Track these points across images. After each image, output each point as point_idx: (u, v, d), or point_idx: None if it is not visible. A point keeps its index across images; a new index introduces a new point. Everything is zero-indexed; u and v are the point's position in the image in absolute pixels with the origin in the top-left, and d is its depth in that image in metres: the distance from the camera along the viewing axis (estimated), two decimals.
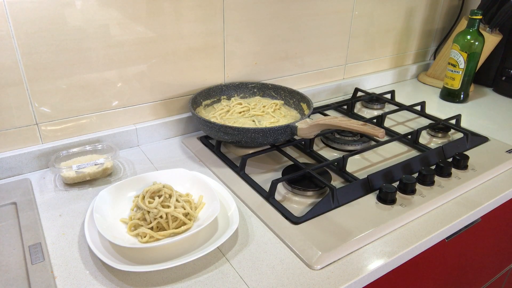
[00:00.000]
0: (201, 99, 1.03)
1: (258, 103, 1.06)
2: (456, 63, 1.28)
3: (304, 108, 1.01)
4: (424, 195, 0.78)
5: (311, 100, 0.98)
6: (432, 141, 1.04)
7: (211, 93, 1.05)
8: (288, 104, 1.07)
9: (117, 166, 0.89)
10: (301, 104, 1.02)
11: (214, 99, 1.06)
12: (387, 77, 1.46)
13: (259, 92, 1.10)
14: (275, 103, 1.04)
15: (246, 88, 1.10)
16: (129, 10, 0.85)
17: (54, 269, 0.61)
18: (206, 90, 1.04)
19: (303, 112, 1.01)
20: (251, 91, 1.10)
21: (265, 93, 1.09)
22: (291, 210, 0.73)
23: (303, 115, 1.01)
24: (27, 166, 0.85)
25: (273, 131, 0.83)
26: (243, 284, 0.59)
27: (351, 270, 0.62)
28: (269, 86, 1.09)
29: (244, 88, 1.10)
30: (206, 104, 1.04)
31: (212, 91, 1.05)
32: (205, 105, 1.04)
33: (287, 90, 1.06)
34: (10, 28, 0.75)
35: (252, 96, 1.10)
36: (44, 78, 0.82)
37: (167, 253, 0.63)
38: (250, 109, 1.02)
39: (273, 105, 1.03)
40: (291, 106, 1.06)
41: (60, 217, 0.73)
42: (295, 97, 1.04)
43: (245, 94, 1.10)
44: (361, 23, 1.27)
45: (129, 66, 0.91)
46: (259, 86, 1.10)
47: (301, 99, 1.03)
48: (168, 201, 0.69)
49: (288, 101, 1.06)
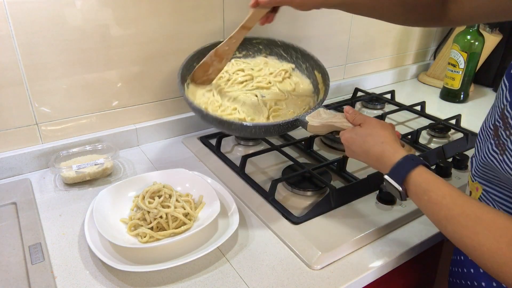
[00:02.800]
0: (195, 62, 0.82)
1: (264, 67, 0.86)
2: (456, 63, 1.28)
3: (319, 80, 0.82)
4: None
5: (327, 72, 0.79)
6: (432, 141, 1.04)
7: (207, 53, 0.80)
8: (300, 69, 0.87)
9: (117, 166, 0.89)
10: (315, 72, 0.83)
11: None
12: (387, 77, 1.46)
13: (266, 49, 0.90)
14: (284, 70, 0.85)
15: (250, 44, 0.90)
16: (129, 10, 0.85)
17: (54, 269, 0.61)
18: (201, 50, 0.84)
19: (316, 84, 0.83)
20: (255, 47, 0.90)
21: (272, 51, 0.90)
22: (291, 210, 0.73)
23: (317, 89, 0.82)
24: (27, 166, 0.85)
25: (277, 127, 0.69)
26: (243, 284, 0.59)
27: (351, 270, 0.62)
28: (278, 44, 0.88)
29: (248, 44, 0.89)
30: None
31: (208, 51, 0.80)
32: None
33: (299, 51, 0.85)
34: (10, 28, 0.75)
35: (257, 55, 0.90)
36: (44, 78, 0.82)
37: (167, 253, 0.63)
38: (254, 77, 0.84)
39: (282, 72, 0.84)
40: (303, 72, 0.87)
41: (60, 217, 0.73)
42: (309, 62, 0.85)
43: (248, 52, 0.91)
44: (361, 23, 1.27)
45: (129, 66, 0.91)
46: (265, 43, 0.89)
47: (315, 66, 0.83)
48: (168, 201, 0.69)
49: (300, 65, 0.87)
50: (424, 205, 0.54)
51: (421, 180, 0.54)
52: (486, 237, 0.45)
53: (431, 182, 0.53)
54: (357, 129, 0.64)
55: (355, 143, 0.63)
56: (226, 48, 0.76)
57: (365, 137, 0.62)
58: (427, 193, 0.53)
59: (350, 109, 0.68)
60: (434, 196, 0.52)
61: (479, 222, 0.46)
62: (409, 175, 0.55)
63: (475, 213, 0.47)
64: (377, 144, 0.60)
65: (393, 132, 0.62)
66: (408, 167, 0.55)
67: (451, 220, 0.49)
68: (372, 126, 0.63)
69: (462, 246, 0.48)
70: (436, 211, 0.51)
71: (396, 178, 0.56)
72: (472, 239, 0.46)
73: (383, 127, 0.62)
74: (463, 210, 0.48)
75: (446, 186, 0.52)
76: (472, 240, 0.46)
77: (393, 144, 0.59)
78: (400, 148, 0.59)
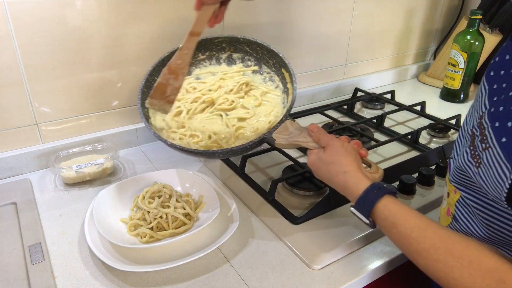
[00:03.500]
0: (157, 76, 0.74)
1: (222, 84, 0.80)
2: (456, 63, 1.28)
3: (287, 79, 0.77)
4: (424, 195, 0.78)
5: (293, 72, 0.74)
6: (432, 141, 1.04)
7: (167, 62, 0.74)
8: (267, 65, 0.81)
9: (117, 166, 0.89)
10: (283, 70, 0.78)
11: None
12: (387, 77, 1.46)
13: (229, 47, 0.84)
14: (244, 83, 0.78)
15: (212, 44, 0.84)
16: (129, 10, 0.85)
17: (54, 269, 0.61)
18: (159, 63, 0.80)
19: (285, 83, 0.78)
20: (218, 46, 0.84)
21: (236, 48, 0.84)
22: (291, 210, 0.73)
23: (286, 88, 0.78)
24: (27, 166, 0.85)
25: (243, 149, 0.67)
26: (243, 284, 0.59)
27: (351, 270, 0.62)
28: (240, 40, 0.82)
29: (210, 44, 0.84)
30: None
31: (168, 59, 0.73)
32: None
33: (264, 47, 0.80)
34: (10, 28, 0.75)
35: (221, 53, 0.85)
36: (44, 78, 0.82)
37: (167, 253, 0.63)
38: (214, 100, 0.79)
39: (242, 87, 0.78)
40: (271, 68, 0.81)
41: (60, 217, 0.73)
42: (275, 58, 0.79)
43: (211, 52, 0.85)
44: (361, 23, 1.27)
45: (129, 66, 0.91)
46: (228, 40, 0.82)
47: (282, 64, 0.78)
48: (168, 201, 0.69)
49: (267, 60, 0.81)
50: (393, 238, 0.53)
51: (388, 213, 0.52)
52: (460, 272, 0.44)
53: (397, 214, 0.52)
54: (321, 153, 0.62)
55: (320, 170, 0.62)
56: (179, 62, 0.67)
57: (328, 165, 0.60)
58: (395, 227, 0.51)
59: (315, 127, 0.65)
60: (403, 230, 0.50)
61: (450, 255, 0.45)
62: (375, 207, 0.53)
63: (445, 246, 0.46)
64: (340, 174, 0.58)
65: (355, 158, 0.60)
66: (372, 198, 0.54)
67: (422, 253, 0.48)
68: (334, 153, 0.60)
69: (436, 279, 0.47)
70: (406, 245, 0.50)
71: (362, 211, 0.55)
72: (445, 273, 0.45)
73: (345, 153, 0.59)
74: (433, 243, 0.47)
75: (414, 217, 0.51)
76: (446, 274, 0.45)
77: (355, 174, 0.57)
78: (363, 178, 0.56)
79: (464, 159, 0.51)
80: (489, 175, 0.45)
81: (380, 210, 0.53)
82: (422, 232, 0.49)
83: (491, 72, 0.50)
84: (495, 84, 0.48)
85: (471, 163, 0.49)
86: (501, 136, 0.44)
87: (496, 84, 0.48)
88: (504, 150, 0.43)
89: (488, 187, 0.46)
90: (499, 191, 0.44)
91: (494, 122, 0.45)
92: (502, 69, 0.48)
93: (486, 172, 0.46)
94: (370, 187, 0.55)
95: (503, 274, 0.42)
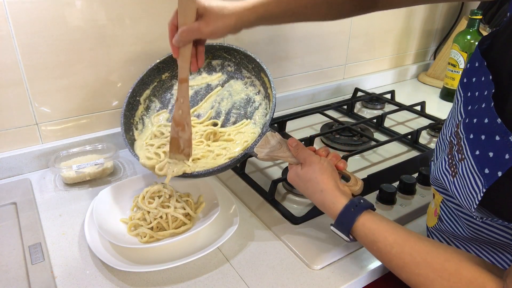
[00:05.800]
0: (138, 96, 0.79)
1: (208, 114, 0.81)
2: (456, 63, 1.28)
3: (267, 84, 0.76)
4: (424, 195, 0.78)
5: (271, 77, 0.73)
6: (432, 141, 1.03)
7: (147, 81, 0.80)
8: (247, 69, 0.81)
9: (117, 166, 0.89)
10: (262, 75, 0.78)
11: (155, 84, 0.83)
12: (387, 77, 1.46)
13: (207, 54, 0.83)
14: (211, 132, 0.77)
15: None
16: (129, 10, 0.85)
17: (54, 269, 0.61)
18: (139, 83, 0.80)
19: (266, 88, 0.77)
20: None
21: (215, 55, 0.84)
22: (291, 210, 0.73)
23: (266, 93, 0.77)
24: (27, 166, 0.85)
25: (228, 166, 0.68)
26: (243, 284, 0.59)
27: (351, 270, 0.62)
28: (216, 47, 0.82)
29: None
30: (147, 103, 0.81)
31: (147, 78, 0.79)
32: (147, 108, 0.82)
33: (241, 52, 0.79)
34: (10, 28, 0.75)
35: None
36: (44, 78, 0.82)
37: (167, 253, 0.63)
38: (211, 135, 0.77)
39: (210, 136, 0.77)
40: (251, 72, 0.81)
41: (60, 217, 0.73)
42: (254, 63, 0.78)
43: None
44: (361, 23, 1.27)
45: (129, 66, 0.91)
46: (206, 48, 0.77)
47: (261, 69, 0.76)
48: (168, 201, 0.69)
49: (246, 65, 0.81)
50: (375, 254, 0.54)
51: (367, 231, 0.53)
52: (441, 285, 0.45)
53: (376, 232, 0.52)
54: (298, 170, 0.62)
55: (299, 186, 0.62)
56: (180, 112, 0.68)
57: (306, 183, 0.60)
58: (375, 244, 0.52)
59: (294, 142, 0.64)
60: (382, 247, 0.51)
61: (431, 269, 0.46)
62: (354, 226, 0.54)
63: (425, 260, 0.47)
64: (317, 193, 0.58)
65: (332, 175, 0.59)
66: (351, 217, 0.54)
67: (403, 268, 0.49)
68: (311, 170, 0.60)
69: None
70: (388, 261, 0.51)
71: (341, 230, 0.56)
72: (428, 287, 0.46)
73: (321, 170, 0.59)
74: (412, 257, 0.48)
75: (392, 233, 0.51)
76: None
77: (332, 192, 0.57)
78: (339, 197, 0.57)
79: (442, 167, 0.51)
80: (462, 186, 0.46)
81: (359, 229, 0.54)
82: (401, 247, 0.50)
83: (464, 78, 0.50)
84: (469, 91, 0.48)
85: (447, 171, 0.50)
86: (475, 149, 0.44)
87: (469, 91, 0.48)
88: (477, 164, 0.43)
89: (461, 197, 0.47)
90: (470, 203, 0.45)
91: (469, 133, 0.45)
92: (473, 76, 0.48)
93: (461, 182, 0.46)
94: (347, 206, 0.55)
95: (482, 284, 0.43)
